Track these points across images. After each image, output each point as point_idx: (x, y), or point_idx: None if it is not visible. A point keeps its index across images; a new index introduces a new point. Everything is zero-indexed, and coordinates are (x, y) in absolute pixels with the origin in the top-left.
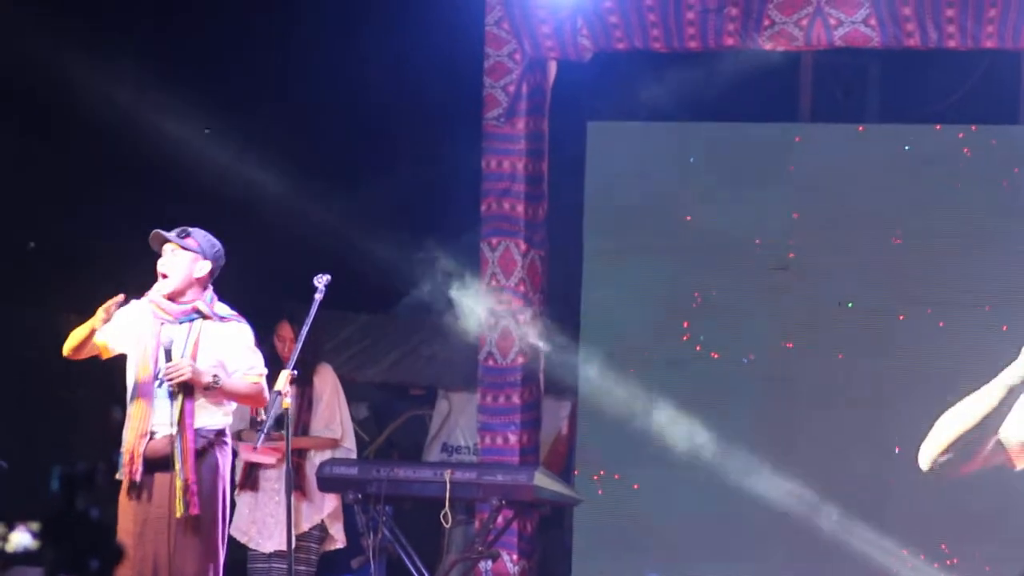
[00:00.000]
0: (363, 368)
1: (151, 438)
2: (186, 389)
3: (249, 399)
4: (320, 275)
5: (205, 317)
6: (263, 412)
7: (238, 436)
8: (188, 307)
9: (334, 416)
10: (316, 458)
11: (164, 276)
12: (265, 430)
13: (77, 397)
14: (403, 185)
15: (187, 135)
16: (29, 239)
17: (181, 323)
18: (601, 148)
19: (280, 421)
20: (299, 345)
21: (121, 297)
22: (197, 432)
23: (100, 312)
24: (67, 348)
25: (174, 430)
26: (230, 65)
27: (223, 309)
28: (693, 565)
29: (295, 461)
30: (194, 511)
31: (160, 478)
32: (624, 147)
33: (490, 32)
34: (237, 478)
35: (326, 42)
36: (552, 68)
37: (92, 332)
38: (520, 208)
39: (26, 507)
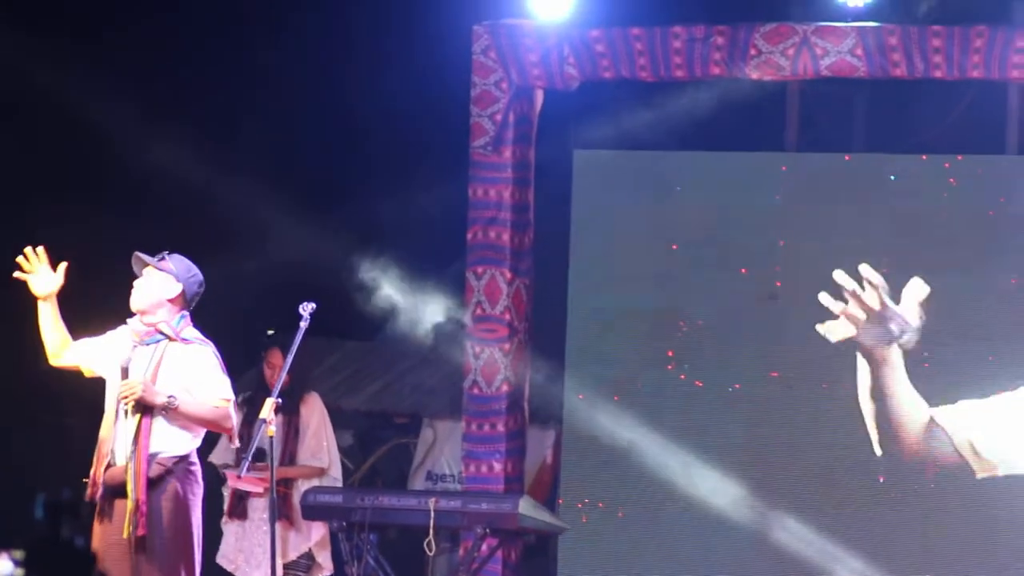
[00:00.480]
0: (348, 396)
1: (111, 465)
2: (143, 411)
3: (211, 423)
4: (306, 303)
5: (169, 339)
6: (237, 440)
7: (225, 466)
8: (152, 328)
9: (321, 445)
10: (303, 487)
11: (136, 291)
12: (249, 458)
13: (65, 424)
14: (389, 212)
15: (172, 161)
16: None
17: (147, 344)
18: (587, 176)
19: (265, 450)
20: (283, 373)
21: (29, 249)
22: (154, 457)
23: (32, 287)
24: (49, 356)
25: (129, 452)
26: (216, 94)
27: (190, 333)
28: None
29: (282, 491)
30: (140, 532)
31: (120, 504)
32: (610, 175)
33: (477, 61)
34: (225, 507)
35: (312, 71)
36: (539, 97)
37: (42, 314)
38: (506, 236)
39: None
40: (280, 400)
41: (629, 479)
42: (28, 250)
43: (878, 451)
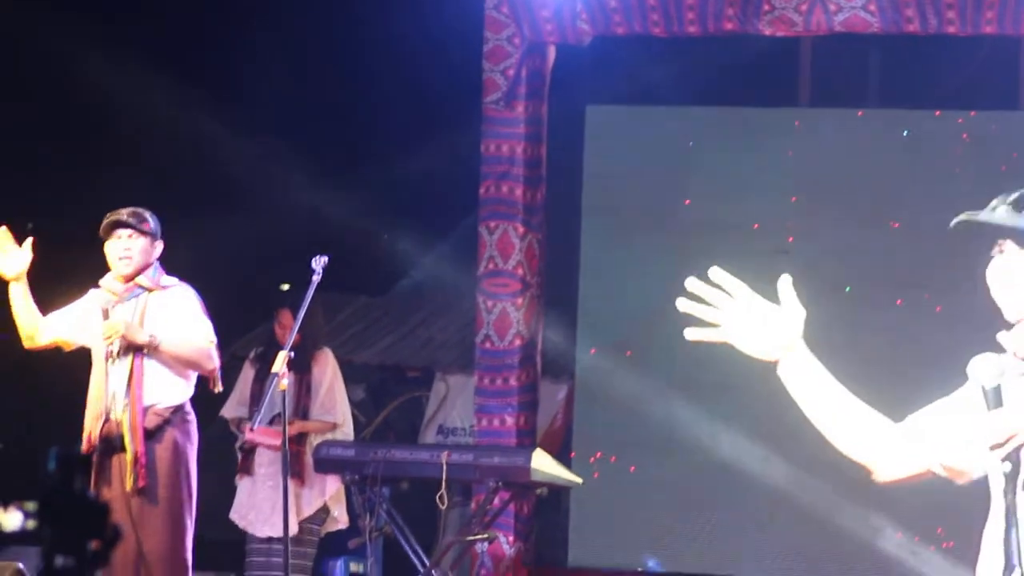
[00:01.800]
0: (360, 350)
1: (106, 420)
2: (129, 351)
3: (193, 363)
4: (318, 257)
5: (149, 290)
6: (220, 384)
7: (239, 420)
8: (134, 285)
9: (334, 401)
10: (315, 443)
11: (128, 259)
12: (262, 411)
13: (77, 379)
14: (401, 168)
15: (185, 120)
16: (27, 221)
17: (128, 300)
18: (600, 132)
19: (279, 412)
20: (296, 326)
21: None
22: (149, 409)
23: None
24: (24, 338)
25: (124, 403)
26: (227, 49)
27: (168, 280)
28: (689, 547)
29: (294, 447)
30: (141, 483)
31: (117, 458)
32: (623, 131)
33: (489, 16)
34: (238, 463)
35: (324, 25)
36: (551, 52)
37: (13, 295)
38: (519, 191)
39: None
40: (292, 354)
41: (641, 433)
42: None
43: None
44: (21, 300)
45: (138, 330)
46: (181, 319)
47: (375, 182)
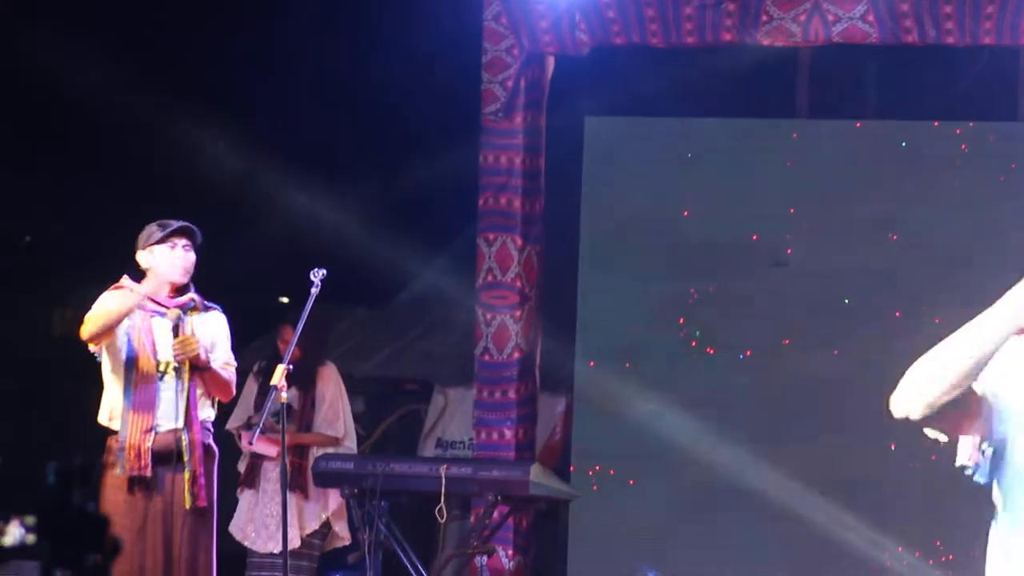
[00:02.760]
0: (359, 362)
1: (156, 433)
2: (191, 372)
3: (223, 386)
4: (316, 269)
5: (195, 308)
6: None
7: (240, 427)
8: (186, 298)
9: (337, 415)
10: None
11: (187, 270)
12: (261, 424)
13: (76, 391)
14: (400, 179)
15: (183, 132)
16: (25, 233)
17: (174, 313)
18: (598, 143)
19: (277, 416)
20: (295, 339)
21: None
22: (203, 424)
23: (133, 293)
24: (92, 329)
25: (180, 423)
26: (225, 59)
27: (201, 299)
28: (689, 561)
29: (297, 462)
30: (202, 503)
31: (163, 472)
32: (622, 142)
33: (488, 27)
34: (240, 474)
35: (322, 37)
36: (550, 63)
37: (129, 310)
38: (517, 203)
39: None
40: (291, 367)
41: (640, 446)
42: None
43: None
44: (126, 312)
45: (205, 351)
46: (221, 342)
47: (373, 194)
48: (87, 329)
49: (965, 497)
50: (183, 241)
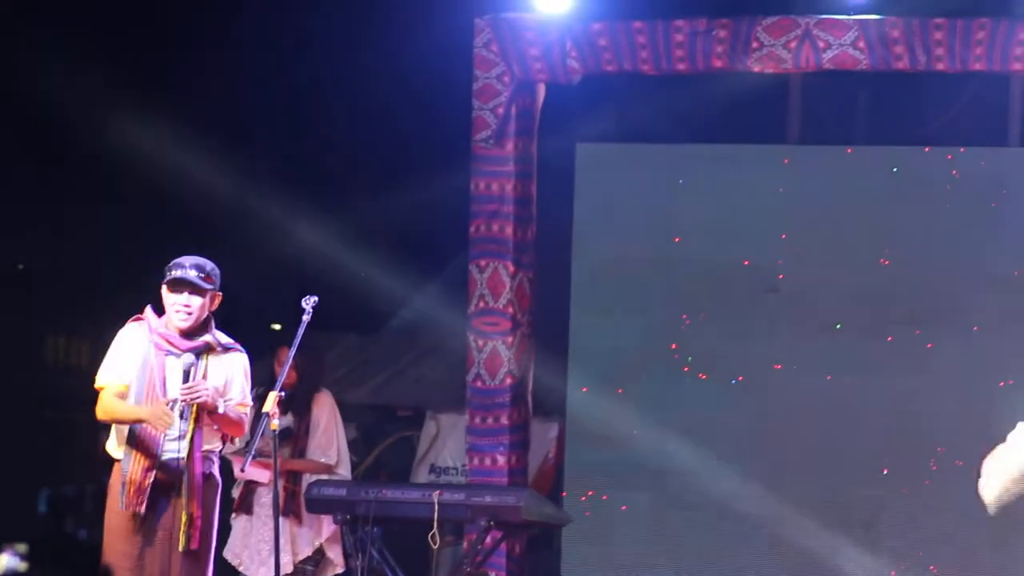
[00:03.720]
0: (351, 389)
1: (157, 471)
2: (197, 417)
3: (233, 426)
4: (308, 296)
5: (211, 349)
6: (237, 441)
7: (233, 452)
8: (199, 342)
9: (331, 442)
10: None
11: (187, 315)
12: (252, 451)
13: (68, 419)
14: (392, 206)
15: (178, 161)
16: (18, 261)
17: (186, 353)
18: (590, 170)
19: (270, 443)
20: (286, 367)
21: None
22: (205, 455)
23: (158, 417)
24: (104, 419)
25: (182, 460)
26: (224, 90)
27: (224, 338)
28: None
29: (290, 487)
30: (194, 545)
31: (164, 505)
32: (613, 169)
33: (479, 54)
34: (234, 501)
35: (315, 65)
36: (541, 90)
37: (130, 421)
38: (509, 230)
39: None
40: (283, 394)
41: (632, 472)
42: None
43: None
44: (135, 420)
45: (217, 398)
46: (237, 384)
47: (366, 221)
48: (100, 415)
49: (957, 521)
50: (183, 289)
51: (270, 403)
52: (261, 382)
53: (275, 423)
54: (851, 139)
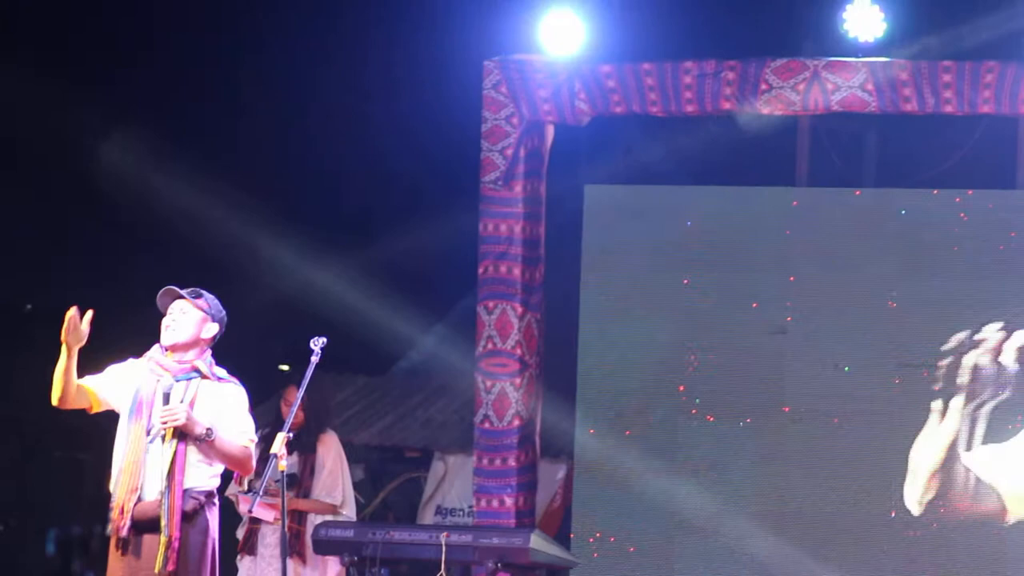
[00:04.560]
0: (359, 430)
1: (140, 495)
2: (180, 438)
3: (237, 462)
4: (316, 338)
5: (204, 377)
6: (245, 481)
7: (237, 493)
8: (188, 365)
9: (336, 483)
10: (316, 523)
11: (170, 327)
12: (260, 492)
13: (78, 459)
14: (401, 248)
15: (189, 201)
16: (26, 302)
17: (179, 381)
18: (598, 211)
19: (277, 482)
20: (295, 407)
21: (74, 311)
22: (187, 492)
23: (65, 338)
24: (53, 395)
25: (163, 486)
26: (233, 132)
27: (221, 372)
28: None
29: (295, 527)
30: (171, 567)
31: (149, 538)
32: (621, 210)
33: (488, 96)
34: (239, 541)
35: (322, 106)
36: (550, 132)
37: (68, 363)
38: (517, 271)
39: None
40: (291, 435)
41: (640, 514)
42: (75, 311)
43: (916, 510)
44: (71, 368)
45: (197, 422)
46: (233, 416)
47: (374, 262)
48: (53, 396)
49: (964, 561)
50: (176, 305)
51: (278, 444)
52: (267, 423)
53: (283, 464)
54: (859, 181)
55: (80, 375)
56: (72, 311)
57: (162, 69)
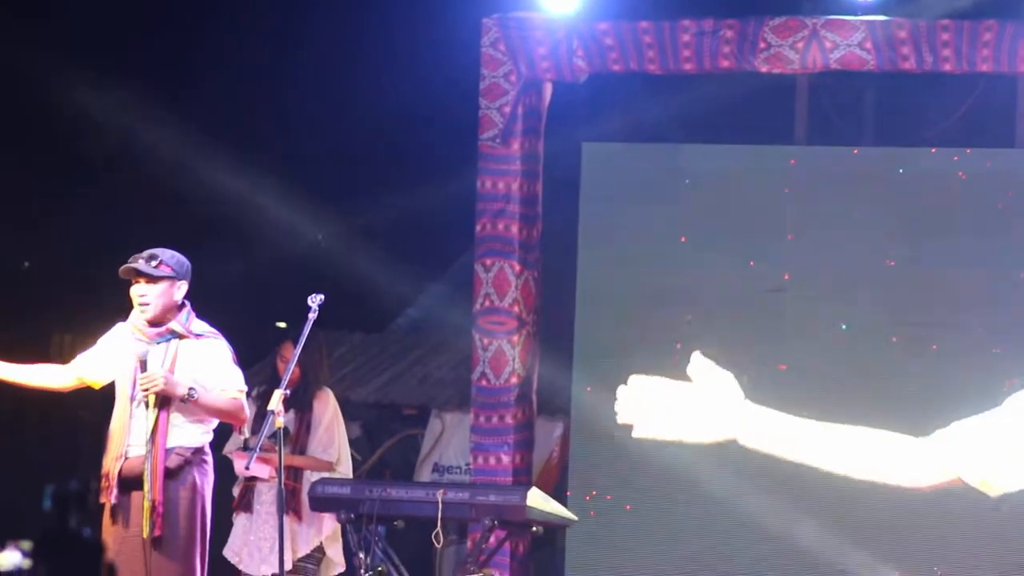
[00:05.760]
0: (356, 387)
1: (126, 458)
2: (161, 404)
3: (227, 415)
4: (314, 295)
5: (181, 336)
6: (246, 430)
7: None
8: (164, 329)
9: (332, 440)
10: (312, 480)
11: (144, 306)
12: (257, 449)
13: (77, 415)
14: (398, 205)
15: (183, 157)
16: (24, 259)
17: (158, 343)
18: (596, 169)
19: (273, 438)
20: (291, 364)
21: None
22: (172, 451)
23: None
24: (53, 391)
25: (146, 449)
26: (230, 90)
27: (199, 326)
28: None
29: (291, 485)
30: (157, 532)
31: (136, 498)
32: (619, 168)
33: (486, 53)
34: (235, 498)
35: (319, 64)
36: (548, 89)
37: (16, 380)
38: (515, 228)
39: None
40: (288, 392)
41: (637, 472)
42: None
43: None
44: (21, 378)
45: (177, 385)
46: (215, 370)
47: (371, 219)
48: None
49: (968, 529)
50: (134, 279)
51: (275, 401)
52: (263, 381)
53: (280, 420)
54: (858, 140)
55: (74, 354)
56: None
57: (158, 24)
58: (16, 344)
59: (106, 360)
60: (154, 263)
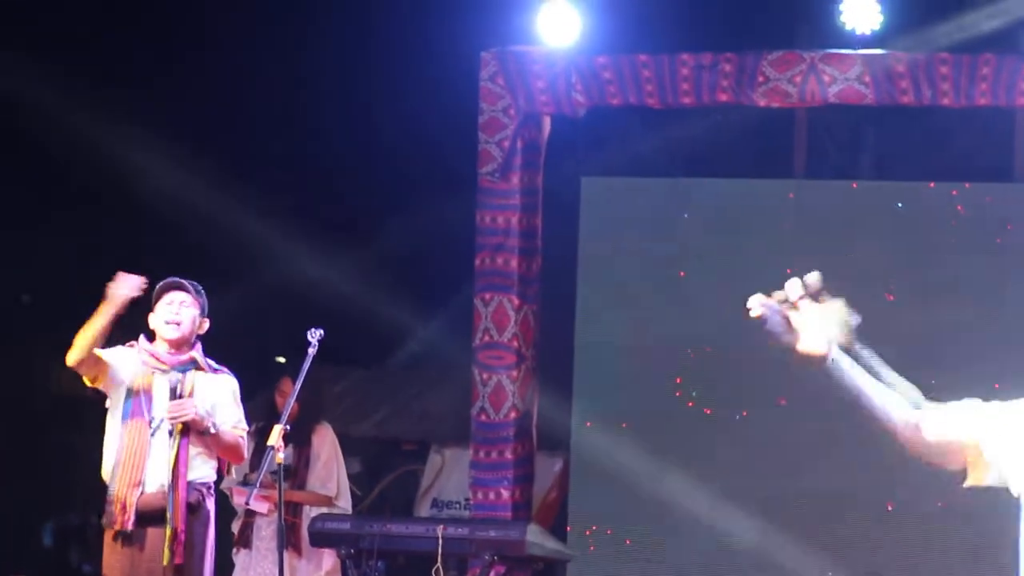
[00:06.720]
0: (356, 423)
1: (143, 489)
2: (183, 434)
3: (232, 452)
4: (313, 329)
5: (199, 368)
6: (234, 469)
7: (232, 485)
8: (185, 357)
9: (331, 475)
10: (311, 515)
11: (176, 324)
12: (257, 485)
13: (73, 447)
14: (397, 240)
15: (183, 191)
16: (24, 291)
17: (174, 371)
18: (595, 203)
19: (274, 475)
20: (291, 400)
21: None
22: (191, 484)
23: (111, 296)
24: (73, 353)
25: (167, 481)
26: (229, 121)
27: (211, 362)
28: None
29: (290, 520)
30: (178, 560)
31: (152, 530)
32: (618, 202)
33: (485, 87)
34: (234, 535)
35: (320, 96)
36: (547, 123)
37: (105, 321)
38: (514, 263)
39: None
40: (288, 427)
41: (637, 507)
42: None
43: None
44: (107, 324)
45: (204, 417)
46: (228, 406)
47: (370, 254)
48: (72, 354)
49: (961, 552)
50: (179, 297)
51: (275, 436)
52: (261, 415)
53: (280, 456)
54: (856, 174)
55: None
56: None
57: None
58: (17, 374)
59: (116, 367)
60: (195, 288)
